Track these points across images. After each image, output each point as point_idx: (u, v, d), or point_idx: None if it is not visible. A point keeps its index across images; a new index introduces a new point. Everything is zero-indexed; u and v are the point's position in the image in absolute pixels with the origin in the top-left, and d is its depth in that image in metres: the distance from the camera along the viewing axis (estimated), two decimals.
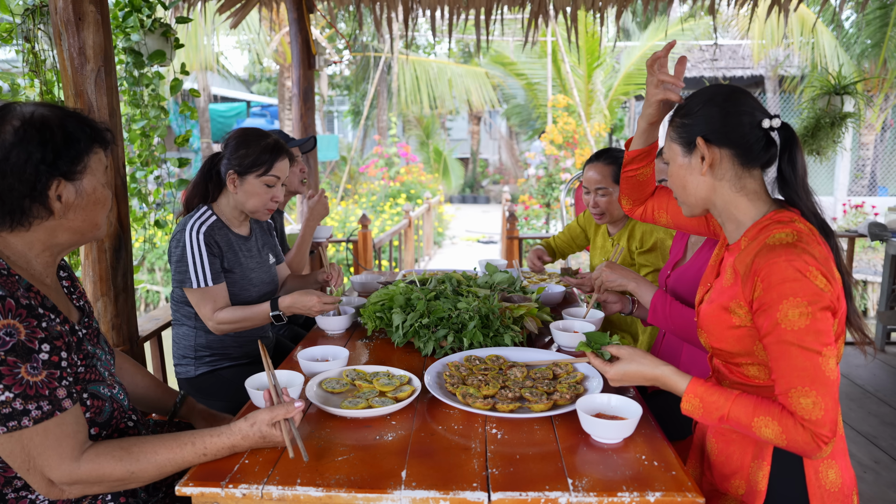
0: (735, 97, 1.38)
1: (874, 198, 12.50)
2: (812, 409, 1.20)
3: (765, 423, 1.24)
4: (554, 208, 11.10)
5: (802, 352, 1.22)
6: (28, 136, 1.25)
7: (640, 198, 1.86)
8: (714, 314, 1.41)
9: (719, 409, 1.30)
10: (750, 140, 1.36)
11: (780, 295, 1.23)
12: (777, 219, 1.35)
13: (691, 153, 1.41)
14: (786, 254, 1.25)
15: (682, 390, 1.36)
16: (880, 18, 10.30)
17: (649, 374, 1.42)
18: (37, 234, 1.32)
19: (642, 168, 1.78)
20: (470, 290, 2.26)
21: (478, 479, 1.25)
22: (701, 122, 1.39)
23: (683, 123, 1.42)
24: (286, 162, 2.28)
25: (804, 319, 1.22)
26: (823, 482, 1.35)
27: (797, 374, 1.22)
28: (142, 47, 2.92)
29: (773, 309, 1.24)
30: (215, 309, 2.18)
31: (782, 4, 4.41)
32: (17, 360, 1.20)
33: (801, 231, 1.30)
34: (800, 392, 1.22)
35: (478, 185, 21.74)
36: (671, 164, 1.47)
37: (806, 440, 1.21)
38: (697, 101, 1.41)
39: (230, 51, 20.88)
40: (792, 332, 1.22)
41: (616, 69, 13.04)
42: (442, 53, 19.89)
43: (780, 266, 1.24)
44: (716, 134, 1.37)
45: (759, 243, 1.32)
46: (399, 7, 4.69)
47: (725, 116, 1.37)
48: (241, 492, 1.23)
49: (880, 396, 3.81)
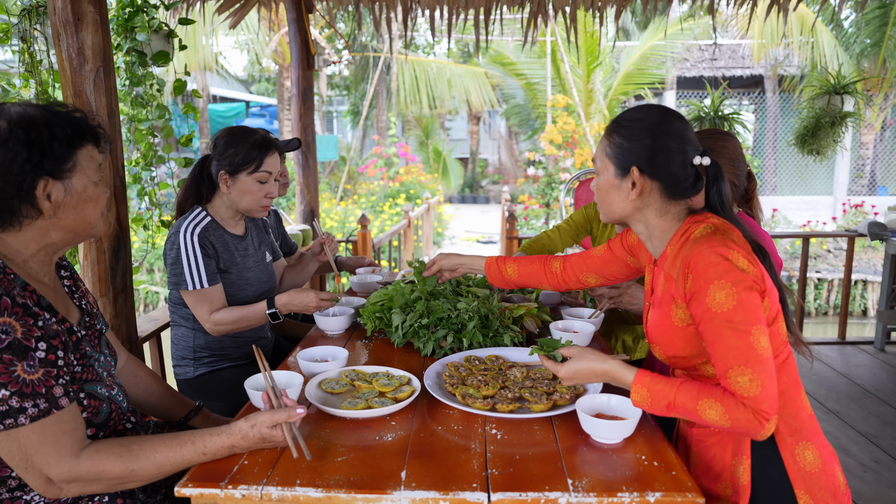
0: (673, 131, 1.42)
1: (874, 197, 12.52)
2: (749, 387, 1.24)
3: (709, 405, 1.28)
4: (553, 208, 11.10)
5: (733, 332, 1.27)
6: (14, 136, 1.25)
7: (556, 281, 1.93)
8: (659, 324, 1.47)
9: (666, 397, 1.33)
10: (680, 176, 1.42)
11: (707, 280, 1.30)
12: (694, 220, 1.43)
13: (623, 177, 1.45)
14: (707, 241, 1.33)
15: (630, 383, 1.39)
16: (880, 18, 10.30)
17: (598, 368, 1.45)
18: (29, 234, 1.32)
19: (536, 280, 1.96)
20: (469, 291, 2.25)
21: (477, 480, 1.25)
22: (638, 150, 1.42)
23: (622, 145, 1.44)
24: (276, 156, 2.27)
25: (731, 300, 1.27)
26: (802, 464, 1.37)
27: (731, 354, 1.27)
28: (146, 48, 2.92)
29: (703, 294, 1.30)
30: (212, 310, 2.17)
31: (781, 4, 4.41)
32: (14, 358, 1.19)
33: (716, 223, 1.40)
34: (736, 371, 1.26)
35: (477, 185, 21.74)
36: (601, 175, 1.50)
37: (748, 418, 1.25)
38: (638, 125, 1.43)
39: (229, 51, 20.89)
40: (721, 314, 1.28)
41: (615, 69, 13.04)
42: (441, 53, 19.89)
43: (704, 253, 1.32)
44: (649, 166, 1.41)
45: (684, 243, 1.40)
46: (398, 7, 4.68)
47: (662, 152, 1.41)
48: (241, 493, 1.23)
49: (880, 396, 3.81)
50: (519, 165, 18.84)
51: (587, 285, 1.91)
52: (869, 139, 12.37)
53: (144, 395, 1.76)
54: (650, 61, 12.40)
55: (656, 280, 1.52)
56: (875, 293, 9.37)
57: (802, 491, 1.36)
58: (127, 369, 1.74)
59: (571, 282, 1.91)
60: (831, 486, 1.39)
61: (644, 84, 12.54)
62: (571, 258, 1.91)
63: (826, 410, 3.60)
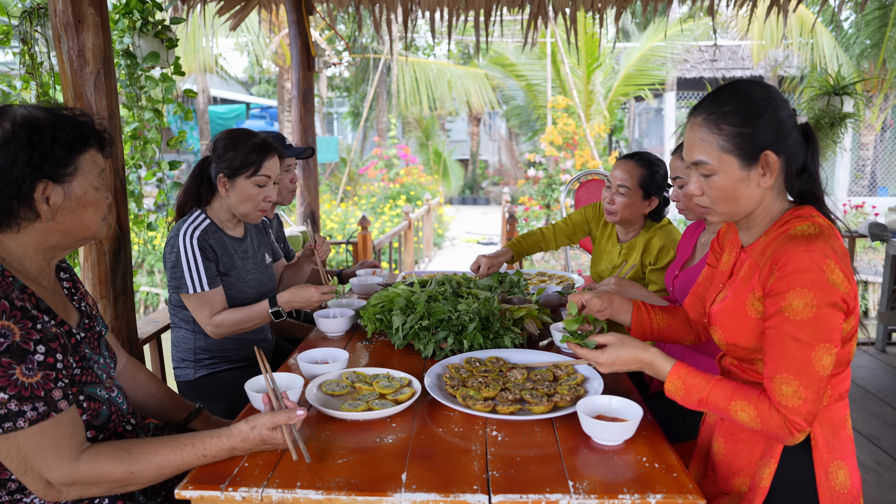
0: (778, 97, 1.31)
1: (874, 198, 12.50)
2: (790, 398, 1.22)
3: (741, 407, 1.27)
4: (554, 209, 11.10)
5: (796, 343, 1.23)
6: (16, 138, 1.25)
7: (692, 333, 1.73)
8: (730, 309, 1.40)
9: (699, 392, 1.32)
10: (797, 143, 1.32)
11: (791, 284, 1.23)
12: (797, 214, 1.34)
13: (752, 166, 1.30)
14: (806, 244, 1.24)
15: (667, 372, 1.38)
16: (879, 19, 10.30)
17: (640, 356, 1.42)
18: (27, 237, 1.32)
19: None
20: (470, 292, 2.25)
21: (478, 482, 1.25)
22: (765, 131, 1.28)
23: (741, 133, 1.29)
24: (276, 160, 2.26)
25: (808, 311, 1.21)
26: (833, 483, 1.34)
27: (786, 361, 1.24)
28: (136, 49, 2.91)
29: (781, 296, 1.24)
30: (213, 313, 2.17)
31: (781, 5, 4.41)
32: (12, 362, 1.19)
33: (822, 224, 1.29)
34: (783, 379, 1.23)
35: (477, 186, 21.73)
36: (720, 176, 1.32)
37: (779, 424, 1.23)
38: (749, 105, 1.29)
39: (229, 53, 20.88)
40: (792, 322, 1.23)
41: (615, 70, 13.03)
42: (441, 55, 19.90)
43: (797, 255, 1.24)
44: (778, 144, 1.29)
45: (779, 235, 1.31)
46: (398, 8, 4.69)
47: (783, 123, 1.29)
48: (241, 495, 1.23)
49: (882, 397, 3.80)
50: (519, 167, 18.83)
51: None
52: (869, 140, 12.36)
53: (144, 397, 1.76)
54: (650, 62, 12.40)
55: (740, 265, 1.43)
56: (876, 294, 9.36)
57: None
58: (127, 371, 1.73)
59: (703, 331, 1.72)
60: None
61: (644, 85, 12.54)
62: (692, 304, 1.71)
63: None
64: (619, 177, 2.53)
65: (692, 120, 1.37)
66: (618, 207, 2.55)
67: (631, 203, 2.54)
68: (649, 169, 2.52)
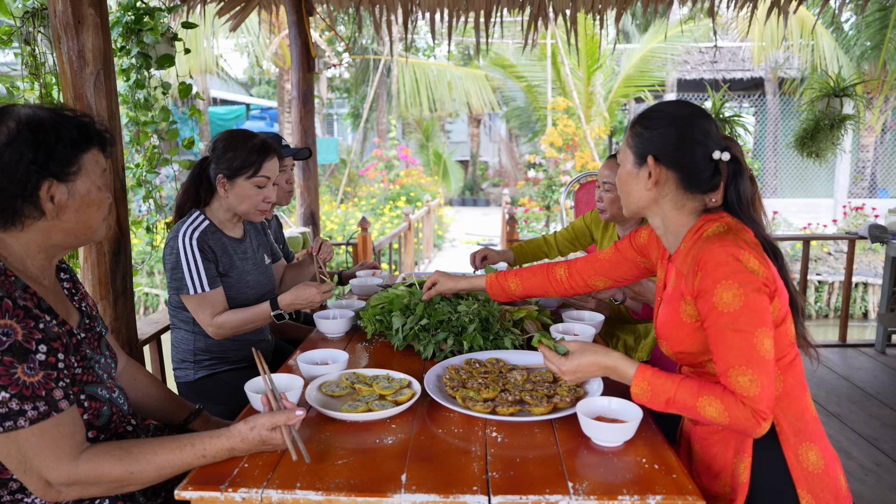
0: (695, 124, 1.42)
1: (874, 200, 12.51)
2: (749, 387, 1.25)
3: (708, 402, 1.29)
4: (554, 211, 11.10)
5: (737, 333, 1.28)
6: (21, 137, 1.25)
7: (562, 288, 1.94)
8: (668, 319, 1.47)
9: (666, 392, 1.34)
10: (698, 169, 1.42)
11: (715, 279, 1.30)
12: (708, 219, 1.43)
13: (641, 166, 1.46)
14: (719, 241, 1.33)
15: (631, 376, 1.40)
16: (880, 20, 10.30)
17: (602, 362, 1.45)
18: (31, 235, 1.33)
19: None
20: (470, 293, 2.25)
21: (478, 483, 1.25)
22: (657, 140, 1.43)
23: (641, 134, 1.46)
24: (275, 161, 2.26)
25: (738, 301, 1.28)
26: (805, 464, 1.38)
27: (733, 354, 1.28)
28: (150, 51, 2.93)
29: (710, 293, 1.31)
30: (213, 314, 2.17)
31: (782, 6, 4.41)
32: (14, 361, 1.19)
33: (730, 223, 1.40)
34: (737, 371, 1.27)
35: (477, 187, 21.74)
36: (622, 166, 1.52)
37: (746, 416, 1.26)
38: (660, 116, 1.44)
39: (229, 53, 20.90)
40: (727, 314, 1.28)
41: (616, 72, 13.05)
42: (441, 56, 19.92)
43: (714, 252, 1.32)
44: (667, 156, 1.42)
45: (696, 240, 1.40)
46: (398, 9, 4.69)
47: (681, 142, 1.41)
48: (241, 496, 1.23)
49: (881, 399, 3.80)
50: (519, 168, 18.85)
51: (595, 289, 1.90)
52: (869, 142, 12.37)
53: (144, 398, 1.76)
54: (650, 64, 12.41)
55: (668, 276, 1.53)
56: (876, 296, 9.35)
57: (805, 491, 1.36)
58: (126, 372, 1.74)
59: (579, 287, 1.90)
60: (833, 487, 1.39)
61: (644, 86, 12.56)
62: (577, 262, 1.90)
63: (827, 413, 3.59)
64: (605, 175, 2.61)
65: None
66: (606, 204, 2.62)
67: (618, 198, 2.59)
68: None
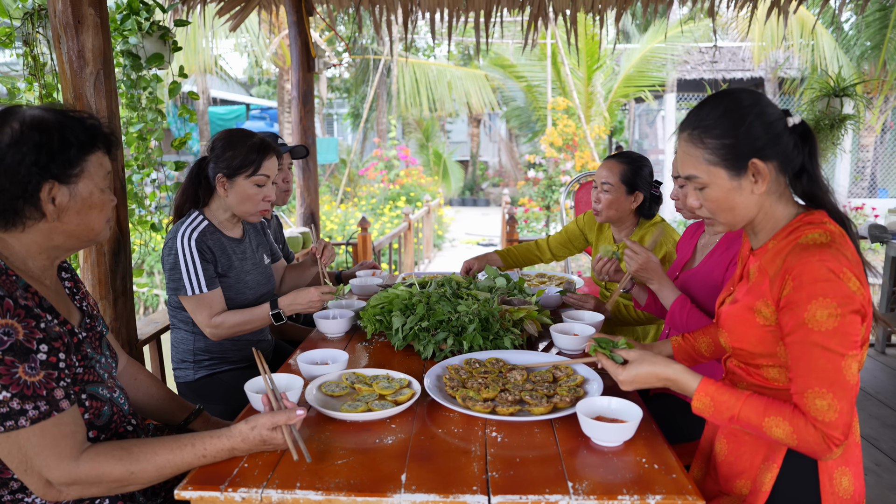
0: (763, 102, 1.32)
1: (874, 200, 12.50)
2: (826, 412, 1.20)
3: (776, 423, 1.24)
4: (554, 211, 11.10)
5: (825, 353, 1.21)
6: (24, 138, 1.26)
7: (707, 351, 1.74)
8: (738, 314, 1.40)
9: (730, 409, 1.29)
10: (789, 146, 1.32)
11: (810, 295, 1.22)
12: (808, 220, 1.33)
13: (741, 175, 1.32)
14: (819, 254, 1.24)
15: (693, 389, 1.35)
16: (880, 20, 10.30)
17: (662, 374, 1.39)
18: (32, 236, 1.33)
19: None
20: (470, 293, 2.25)
21: (478, 483, 1.25)
22: (747, 140, 1.30)
23: (725, 145, 1.31)
24: (274, 160, 2.26)
25: (832, 321, 1.20)
26: (837, 489, 1.34)
27: (816, 375, 1.21)
28: (139, 50, 2.91)
29: (801, 308, 1.23)
30: (212, 315, 2.17)
31: (782, 6, 4.41)
32: (15, 360, 1.20)
33: (833, 232, 1.29)
34: (816, 393, 1.21)
35: (477, 187, 21.73)
36: (712, 188, 1.35)
37: (817, 440, 1.21)
38: (729, 115, 1.31)
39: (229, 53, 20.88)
40: (818, 332, 1.21)
41: (616, 71, 13.04)
42: (441, 56, 19.91)
43: (812, 265, 1.23)
44: (765, 150, 1.30)
45: (790, 243, 1.31)
46: (398, 9, 4.69)
47: (768, 129, 1.30)
48: (241, 495, 1.23)
49: (881, 399, 3.80)
50: (519, 168, 18.84)
51: None
52: (869, 142, 12.36)
53: (144, 398, 1.76)
54: (650, 64, 12.40)
55: (748, 268, 1.43)
56: (875, 296, 9.35)
57: None
58: (127, 372, 1.74)
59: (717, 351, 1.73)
60: None
61: (644, 86, 12.55)
62: (701, 332, 1.74)
63: None
64: (602, 175, 2.61)
65: (680, 135, 1.40)
66: (603, 205, 2.62)
67: (615, 199, 2.59)
68: (631, 165, 2.58)
